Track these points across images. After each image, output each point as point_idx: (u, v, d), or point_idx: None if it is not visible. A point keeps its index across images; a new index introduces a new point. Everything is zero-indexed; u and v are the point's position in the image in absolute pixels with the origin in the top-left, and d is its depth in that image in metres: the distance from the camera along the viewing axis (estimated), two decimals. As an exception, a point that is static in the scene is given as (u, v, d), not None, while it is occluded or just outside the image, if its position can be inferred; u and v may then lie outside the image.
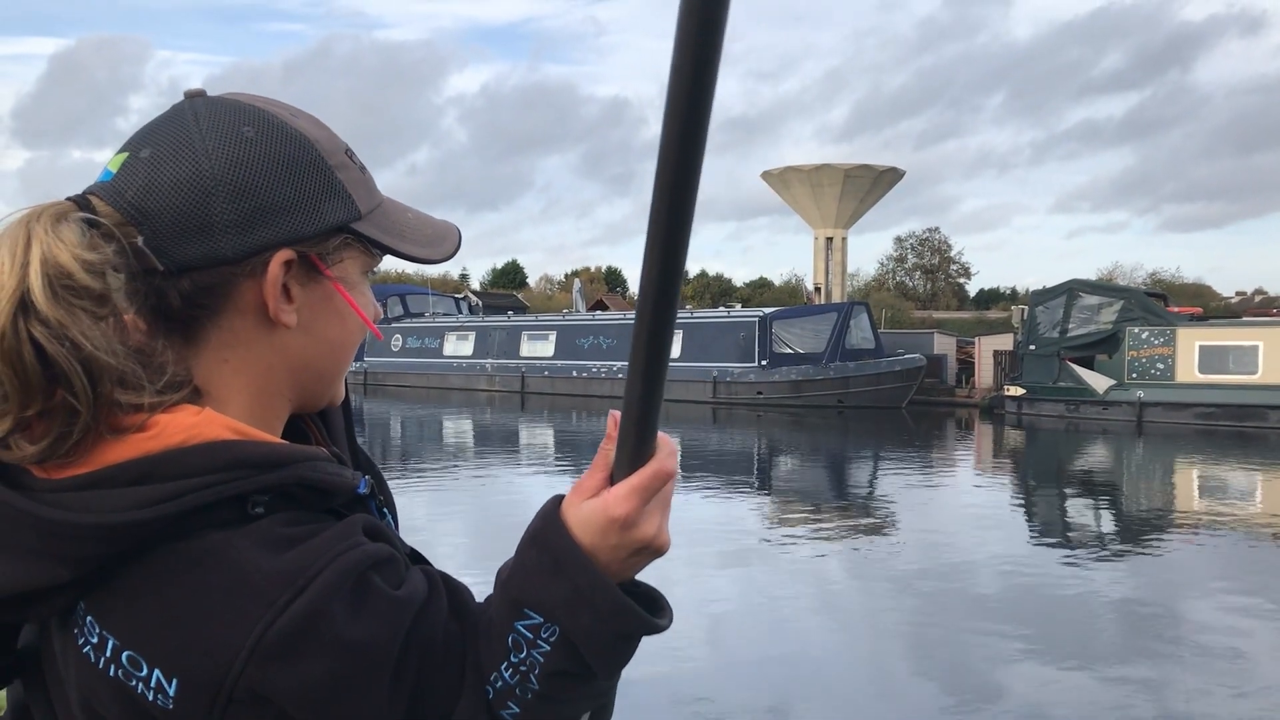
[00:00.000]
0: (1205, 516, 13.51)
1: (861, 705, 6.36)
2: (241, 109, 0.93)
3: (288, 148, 0.92)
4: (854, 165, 64.13)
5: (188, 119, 0.92)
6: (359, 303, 0.98)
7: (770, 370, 31.88)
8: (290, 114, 0.96)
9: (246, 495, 0.85)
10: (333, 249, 0.95)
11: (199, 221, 0.88)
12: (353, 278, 0.98)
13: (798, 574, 9.75)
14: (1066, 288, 28.25)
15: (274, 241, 0.91)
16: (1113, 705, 6.21)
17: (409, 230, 1.01)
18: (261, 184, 0.90)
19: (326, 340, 0.97)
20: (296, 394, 0.99)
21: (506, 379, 37.84)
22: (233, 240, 0.89)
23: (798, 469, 19.09)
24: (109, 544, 0.82)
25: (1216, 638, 7.61)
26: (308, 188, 0.92)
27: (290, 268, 0.92)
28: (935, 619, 8.12)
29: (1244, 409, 24.75)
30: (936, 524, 12.65)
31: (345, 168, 0.96)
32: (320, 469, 0.91)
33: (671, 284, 0.83)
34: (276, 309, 0.92)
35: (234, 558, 0.83)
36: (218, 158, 0.90)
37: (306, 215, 0.92)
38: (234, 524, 0.85)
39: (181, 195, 0.89)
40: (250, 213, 0.90)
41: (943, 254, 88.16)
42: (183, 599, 0.83)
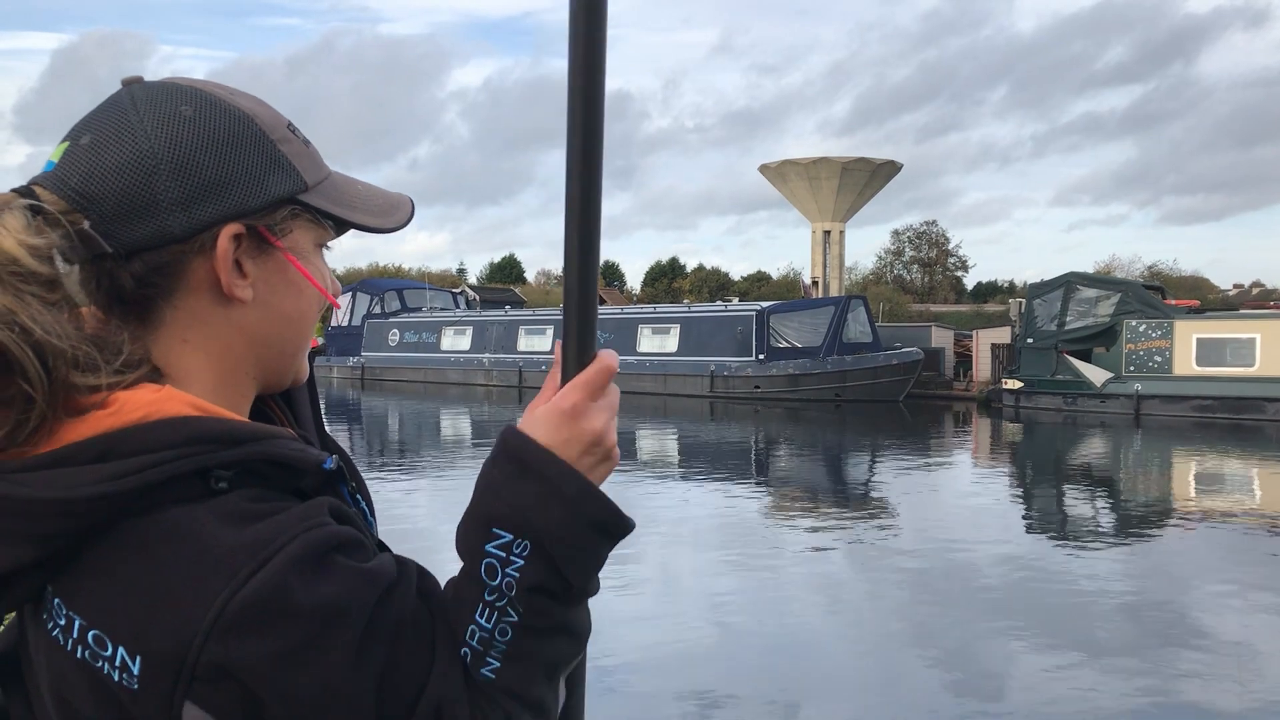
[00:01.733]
0: (1204, 509, 13.52)
1: (866, 695, 6.36)
2: (178, 90, 0.94)
3: (227, 124, 0.93)
4: (851, 158, 64.10)
5: (125, 104, 0.93)
6: (312, 273, 0.98)
7: (768, 364, 31.88)
8: (229, 93, 0.96)
9: (209, 470, 0.85)
10: (280, 220, 0.95)
11: (144, 201, 0.89)
12: (305, 249, 0.98)
13: (799, 567, 9.75)
14: (1064, 281, 28.25)
15: (220, 216, 0.91)
16: (1117, 696, 6.21)
17: (359, 201, 1.02)
18: (203, 160, 0.91)
19: (283, 313, 0.97)
20: (260, 371, 0.99)
21: (504, 373, 37.82)
22: (179, 218, 0.90)
23: (796, 463, 19.09)
24: (73, 520, 0.82)
25: (1220, 629, 7.61)
26: (250, 161, 0.93)
27: (240, 242, 0.93)
28: (938, 610, 8.12)
29: (1241, 401, 24.77)
30: (936, 517, 12.65)
31: (287, 141, 0.97)
32: (285, 445, 0.91)
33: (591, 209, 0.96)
34: (230, 283, 0.92)
35: (195, 531, 0.83)
36: (157, 138, 0.90)
37: (251, 188, 0.93)
38: (197, 499, 0.85)
39: (125, 177, 0.89)
40: (194, 189, 0.90)
41: (940, 247, 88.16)
42: (144, 574, 0.82)
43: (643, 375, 34.23)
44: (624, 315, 37.01)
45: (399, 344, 41.91)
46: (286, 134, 0.97)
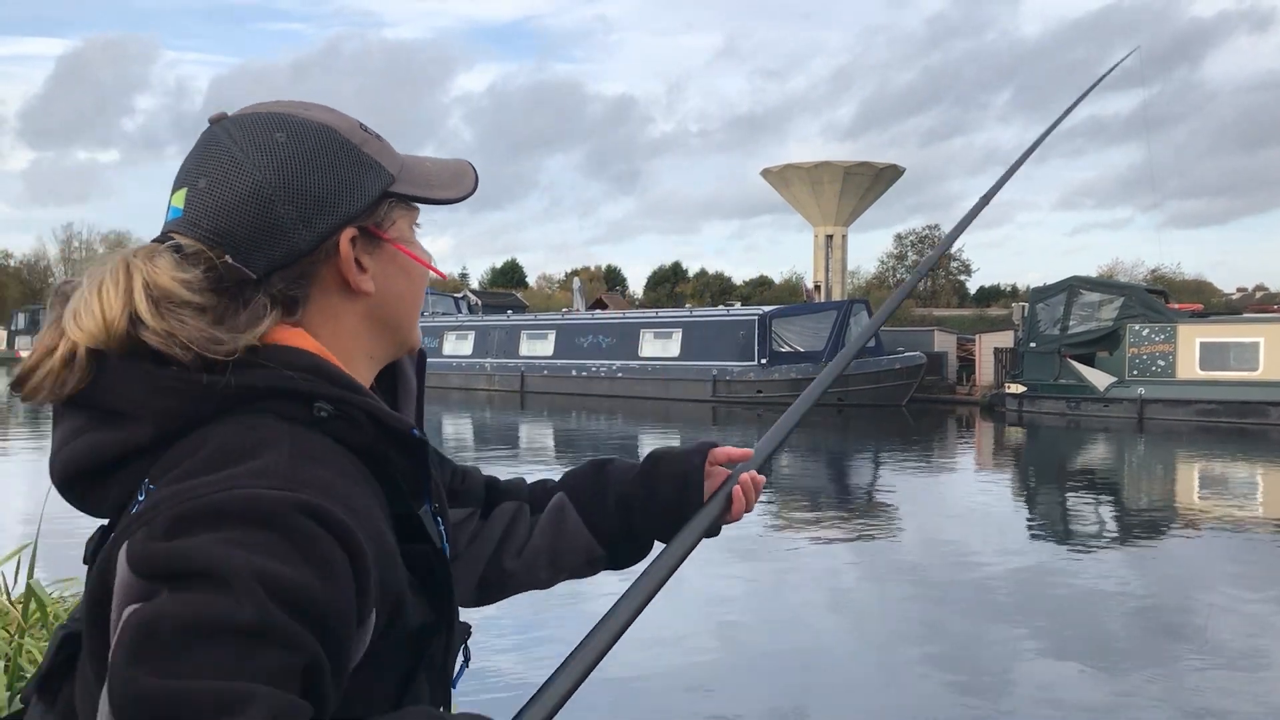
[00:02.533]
0: (1209, 513, 13.47)
1: (872, 698, 6.33)
2: (266, 119, 1.06)
3: (318, 140, 1.05)
4: (854, 162, 64.11)
5: (225, 142, 1.04)
6: (416, 251, 1.13)
7: (770, 369, 31.84)
8: (304, 109, 1.08)
9: (315, 396, 0.99)
10: (383, 214, 1.09)
11: (269, 228, 1.02)
12: (405, 233, 1.12)
13: (804, 570, 9.72)
14: (1067, 285, 28.20)
15: (336, 225, 1.05)
16: (1126, 700, 6.17)
17: (433, 178, 1.14)
18: (309, 180, 1.03)
19: (399, 294, 1.12)
20: (379, 348, 1.13)
21: (506, 378, 37.79)
22: (302, 235, 1.03)
23: (799, 467, 19.06)
24: (199, 403, 0.97)
25: (1226, 632, 7.57)
26: (347, 170, 1.06)
27: (356, 242, 1.06)
28: (944, 614, 8.09)
29: (1245, 405, 24.71)
30: (940, 521, 12.62)
31: (367, 142, 1.09)
32: (383, 408, 1.04)
33: None
34: (357, 280, 1.07)
35: (256, 439, 0.95)
36: (265, 168, 1.02)
37: (354, 193, 1.06)
38: (298, 420, 0.99)
39: (247, 211, 1.02)
40: (308, 207, 1.03)
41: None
42: (201, 453, 0.95)
43: (645, 380, 34.20)
44: (626, 320, 37.00)
45: (401, 349, 41.92)
46: (363, 135, 1.09)
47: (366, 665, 1.00)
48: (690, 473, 1.39)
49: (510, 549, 1.42)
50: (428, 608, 1.08)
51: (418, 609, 1.06)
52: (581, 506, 1.43)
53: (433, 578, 1.08)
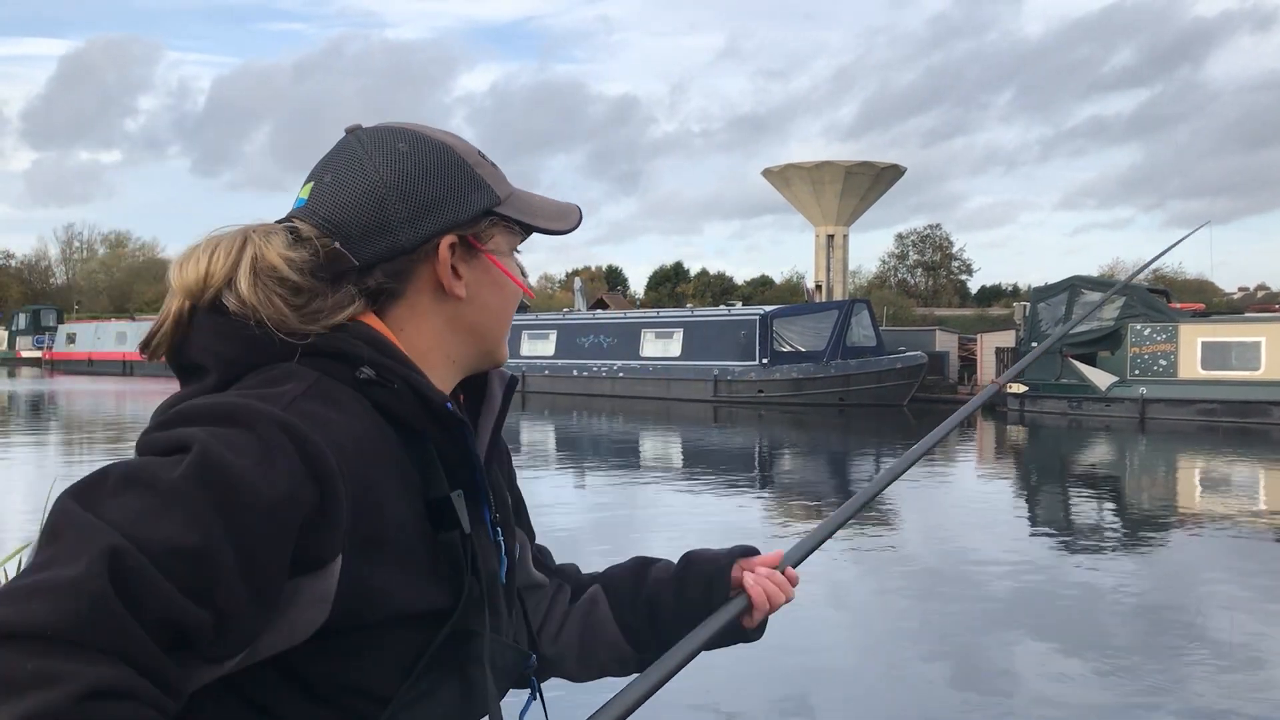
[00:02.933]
0: (1212, 512, 13.46)
1: (877, 698, 6.32)
2: (394, 131, 1.17)
3: (435, 154, 1.16)
4: (855, 162, 64.10)
5: (354, 147, 1.16)
6: (512, 271, 1.21)
7: (771, 368, 31.82)
8: (430, 130, 1.19)
9: (361, 360, 1.07)
10: (484, 229, 1.18)
11: (379, 223, 1.12)
12: (503, 251, 1.21)
13: (805, 569, 9.68)
14: (1068, 284, 28.18)
15: (439, 229, 1.14)
16: (1131, 700, 6.16)
17: (539, 210, 1.24)
18: (421, 185, 1.13)
19: (489, 306, 1.19)
20: (464, 354, 1.20)
21: (507, 378, 37.80)
22: (407, 233, 1.13)
23: (800, 467, 19.06)
24: (253, 350, 1.07)
25: (1230, 633, 7.56)
26: (457, 183, 1.15)
27: (454, 249, 1.15)
28: (946, 614, 8.07)
29: (1247, 405, 24.69)
30: (942, 521, 12.61)
31: (481, 165, 1.19)
32: (426, 383, 1.10)
33: None
34: (450, 284, 1.15)
35: (282, 373, 1.05)
36: (384, 171, 1.13)
37: (460, 205, 1.15)
38: (341, 379, 1.07)
39: (363, 205, 1.12)
40: (417, 209, 1.13)
41: (944, 251, 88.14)
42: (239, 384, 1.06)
43: (646, 379, 34.20)
44: (627, 320, 36.99)
45: (402, 349, 41.96)
46: (479, 159, 1.19)
47: (350, 633, 1.01)
48: (717, 574, 1.40)
49: (549, 632, 1.44)
50: (445, 594, 1.08)
51: (427, 592, 1.06)
52: (614, 602, 1.43)
53: (458, 564, 1.09)
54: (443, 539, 1.08)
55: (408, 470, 1.07)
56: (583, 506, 13.35)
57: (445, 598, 1.08)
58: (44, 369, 57.75)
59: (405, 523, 1.05)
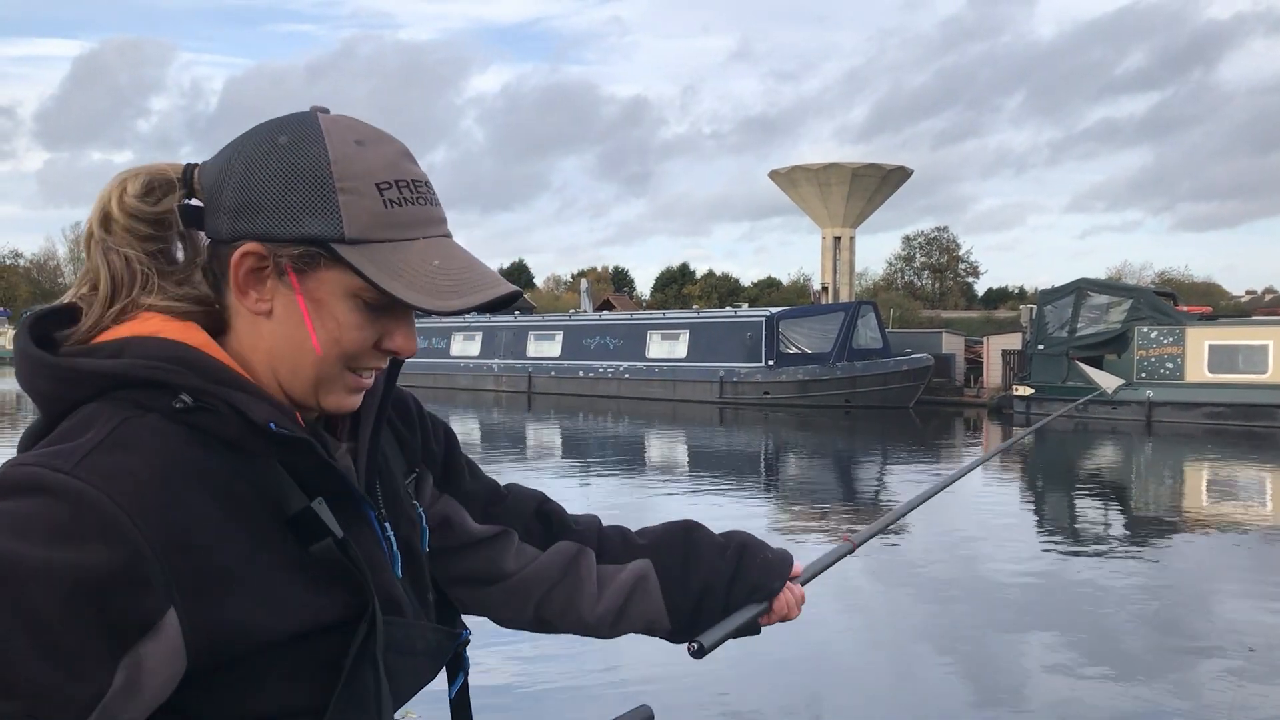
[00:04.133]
0: (1221, 516, 13.43)
1: (886, 701, 6.32)
2: (303, 123, 1.06)
3: (301, 161, 1.04)
4: (862, 164, 64.02)
5: (278, 122, 1.08)
6: (327, 314, 1.06)
7: (777, 370, 31.81)
8: (353, 140, 1.06)
9: (176, 387, 1.00)
10: (305, 259, 1.04)
11: (215, 201, 1.06)
12: (324, 293, 1.05)
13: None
14: (1075, 287, 28.13)
15: (250, 233, 1.04)
16: (1142, 705, 6.15)
17: (409, 272, 1.04)
18: (259, 183, 1.04)
19: (289, 338, 1.07)
20: (283, 381, 1.09)
21: (513, 379, 37.82)
22: (226, 222, 1.05)
23: (806, 469, 19.04)
24: (66, 386, 1.01)
25: (1239, 635, 7.54)
26: (296, 199, 1.03)
27: (260, 261, 1.05)
28: (955, 617, 8.06)
29: (1254, 408, 24.63)
30: (950, 523, 12.59)
31: (356, 193, 1.03)
32: (251, 401, 1.02)
33: None
34: (239, 293, 1.06)
35: (81, 422, 0.98)
36: (246, 154, 1.06)
37: (283, 221, 1.03)
38: (157, 410, 0.99)
39: (214, 177, 1.07)
40: (242, 204, 1.04)
41: (951, 253, 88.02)
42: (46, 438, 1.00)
43: (652, 381, 34.20)
44: (634, 321, 36.99)
45: (408, 349, 41.94)
46: (363, 187, 1.03)
47: (232, 667, 0.97)
48: (768, 583, 1.50)
49: (586, 600, 1.43)
50: (337, 603, 1.04)
51: (310, 606, 1.02)
52: (665, 583, 1.45)
53: (342, 571, 1.04)
54: (316, 551, 1.02)
55: (246, 494, 1.00)
56: (589, 508, 13.33)
57: (337, 607, 1.04)
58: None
59: (250, 550, 0.98)
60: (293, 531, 1.02)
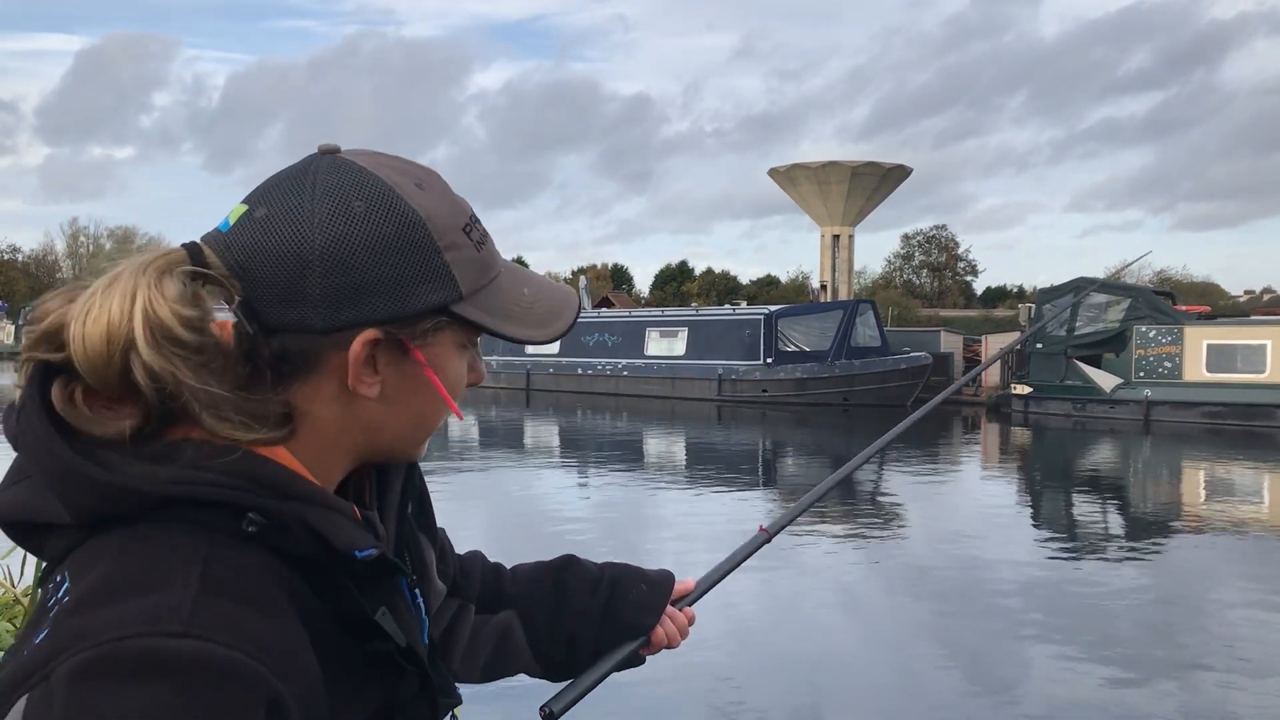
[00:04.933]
0: (1218, 515, 13.44)
1: (887, 700, 6.32)
2: (361, 179, 0.93)
3: (394, 227, 0.92)
4: (861, 162, 64.00)
5: (306, 184, 0.93)
6: (449, 376, 1.00)
7: (775, 368, 31.81)
8: (415, 185, 0.95)
9: (244, 509, 0.86)
10: (424, 330, 0.96)
11: (293, 291, 0.90)
12: (443, 354, 0.99)
13: (814, 571, 9.70)
14: (1074, 285, 28.14)
15: (363, 320, 0.92)
16: (1141, 704, 6.16)
17: (518, 310, 1.01)
18: (358, 263, 0.91)
19: (409, 411, 0.99)
20: (369, 452, 1.00)
21: (512, 376, 37.81)
22: (322, 314, 0.91)
23: (804, 467, 19.05)
24: (110, 505, 0.85)
25: (1239, 636, 7.55)
26: (407, 270, 0.92)
27: (377, 346, 0.93)
28: (955, 617, 8.07)
29: (1252, 408, 24.64)
30: (949, 523, 12.60)
31: (456, 247, 0.96)
32: (328, 517, 0.90)
33: None
34: (355, 382, 0.93)
35: (148, 566, 0.82)
36: (322, 230, 0.90)
37: (400, 297, 0.93)
38: (222, 531, 0.86)
39: (282, 263, 0.90)
40: (343, 290, 0.90)
41: (950, 252, 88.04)
42: (94, 582, 0.82)
43: (650, 378, 34.19)
44: (632, 318, 36.99)
45: (407, 346, 41.96)
46: (458, 239, 0.96)
47: None
48: (640, 622, 1.40)
49: (455, 652, 1.36)
50: (380, 690, 0.98)
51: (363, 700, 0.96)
52: (531, 635, 1.38)
53: (401, 675, 0.99)
54: (369, 648, 0.95)
55: (319, 608, 0.91)
56: (588, 506, 13.36)
57: (381, 693, 0.98)
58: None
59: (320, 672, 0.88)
60: (345, 630, 0.94)
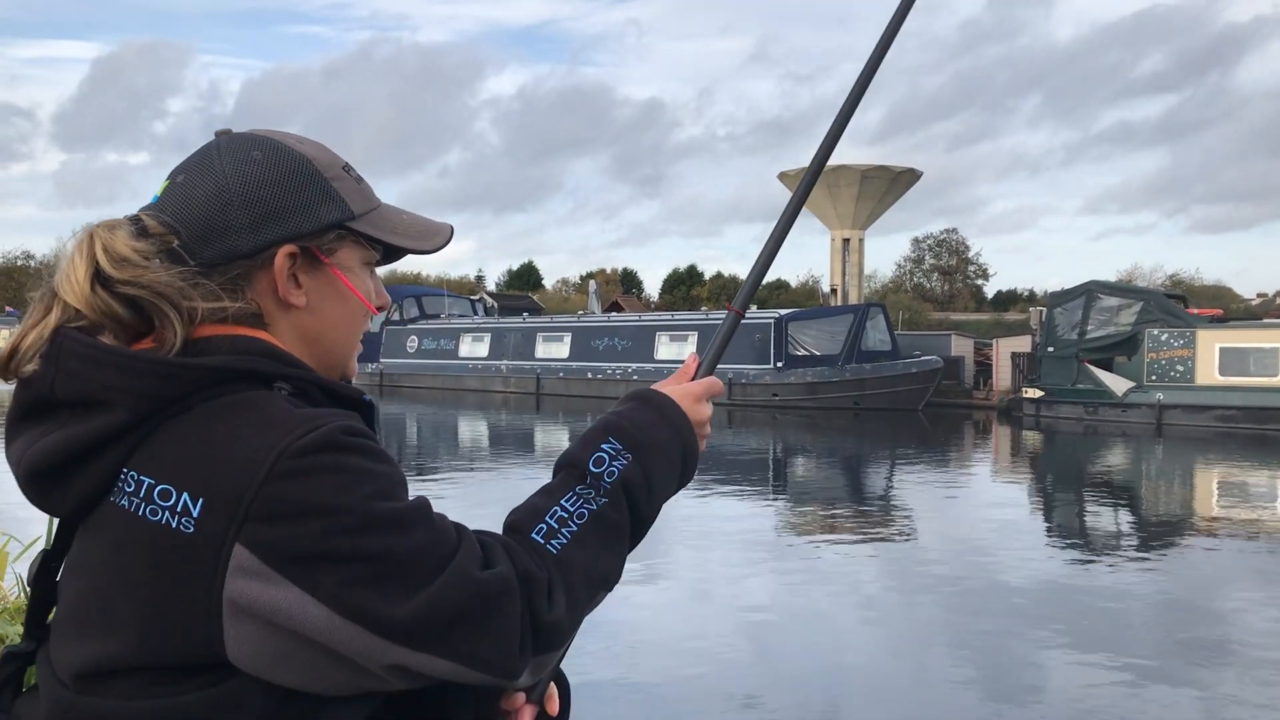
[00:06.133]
0: (1231, 520, 13.37)
1: (902, 704, 6.30)
2: (253, 139, 1.19)
3: (289, 164, 1.17)
4: (871, 166, 63.91)
5: (212, 151, 1.18)
6: (357, 286, 1.22)
7: (786, 372, 31.75)
8: (297, 140, 1.21)
9: (274, 376, 1.10)
10: (329, 242, 1.19)
11: (219, 226, 1.14)
12: (351, 266, 1.22)
13: (825, 575, 9.68)
14: (1085, 289, 28.03)
15: (279, 238, 1.15)
16: (1156, 708, 6.12)
17: (401, 227, 1.26)
18: (266, 195, 1.15)
19: (332, 318, 1.21)
20: (314, 366, 1.19)
21: (521, 380, 37.82)
22: (247, 239, 1.14)
23: (816, 472, 19.01)
24: (174, 383, 1.05)
25: (1254, 641, 7.50)
26: (305, 195, 1.17)
27: (295, 259, 1.17)
28: (969, 620, 8.03)
29: (1265, 411, 24.51)
30: (961, 526, 12.56)
31: (340, 179, 1.21)
32: (332, 380, 1.17)
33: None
34: (285, 291, 1.16)
35: (263, 404, 1.06)
36: (234, 176, 1.15)
37: (305, 216, 1.17)
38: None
39: (206, 206, 1.14)
40: (259, 217, 1.15)
41: (960, 255, 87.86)
42: (216, 433, 1.03)
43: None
44: (642, 322, 36.98)
45: (417, 351, 41.98)
46: (340, 173, 1.21)
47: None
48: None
49: None
50: None
51: None
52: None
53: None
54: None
55: None
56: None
57: None
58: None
59: None
60: None
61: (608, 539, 1.17)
